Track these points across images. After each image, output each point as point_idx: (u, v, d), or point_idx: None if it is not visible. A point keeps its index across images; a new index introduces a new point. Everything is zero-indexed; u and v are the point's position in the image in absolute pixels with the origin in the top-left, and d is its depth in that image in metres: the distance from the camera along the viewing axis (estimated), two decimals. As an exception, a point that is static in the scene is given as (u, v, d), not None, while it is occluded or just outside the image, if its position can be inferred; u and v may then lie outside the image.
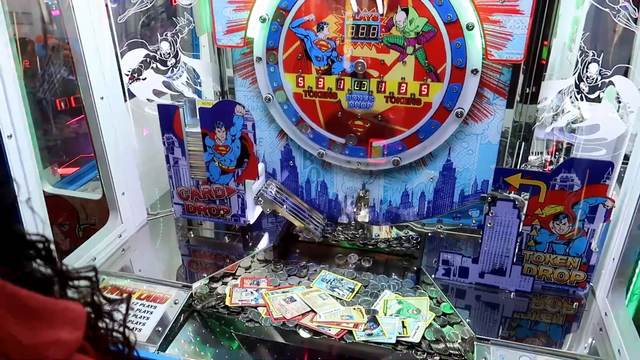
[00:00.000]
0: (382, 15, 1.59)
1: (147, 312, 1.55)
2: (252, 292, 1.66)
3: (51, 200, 2.00)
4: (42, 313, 0.54)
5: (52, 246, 0.63)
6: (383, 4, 1.57)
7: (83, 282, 0.66)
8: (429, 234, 1.84)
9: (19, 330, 0.50)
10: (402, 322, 1.51)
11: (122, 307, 0.72)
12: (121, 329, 0.71)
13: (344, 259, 1.83)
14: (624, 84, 1.44)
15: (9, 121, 1.30)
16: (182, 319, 1.57)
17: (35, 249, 0.61)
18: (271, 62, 1.75)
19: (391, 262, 1.85)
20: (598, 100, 1.54)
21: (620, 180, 1.53)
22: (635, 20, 1.36)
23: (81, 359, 0.58)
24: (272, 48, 1.72)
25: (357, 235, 1.91)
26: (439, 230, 1.75)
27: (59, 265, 0.63)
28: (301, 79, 1.76)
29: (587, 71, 1.50)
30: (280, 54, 1.73)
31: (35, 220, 1.18)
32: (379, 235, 1.83)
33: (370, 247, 1.84)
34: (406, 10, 1.57)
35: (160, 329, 1.50)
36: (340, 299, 1.62)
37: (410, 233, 1.78)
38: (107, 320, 0.69)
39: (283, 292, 1.65)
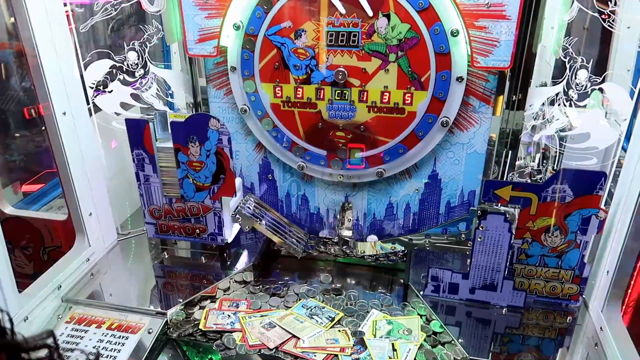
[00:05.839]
0: (364, 20, 1.51)
1: (119, 343, 1.44)
2: (229, 315, 1.56)
3: (12, 222, 1.87)
4: None
5: (3, 315, 0.54)
6: (370, 7, 1.48)
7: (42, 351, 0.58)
8: (416, 248, 1.77)
9: None
10: (393, 344, 1.43)
11: None
12: None
13: (323, 275, 1.75)
14: (614, 91, 1.40)
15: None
16: (157, 349, 1.46)
17: None
18: (250, 92, 1.68)
19: (377, 277, 1.77)
20: (586, 107, 1.49)
21: (611, 190, 1.48)
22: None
23: None
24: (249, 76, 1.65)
25: (342, 251, 1.83)
26: (426, 245, 1.68)
27: (11, 339, 0.55)
28: (279, 89, 1.67)
29: (575, 78, 1.45)
30: (256, 62, 1.64)
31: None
32: (364, 251, 1.75)
33: (355, 260, 1.76)
34: (388, 17, 1.50)
35: (133, 362, 1.39)
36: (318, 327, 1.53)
37: (398, 247, 1.70)
38: None
39: (261, 315, 1.56)
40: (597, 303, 1.48)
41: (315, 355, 1.41)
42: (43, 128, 2.46)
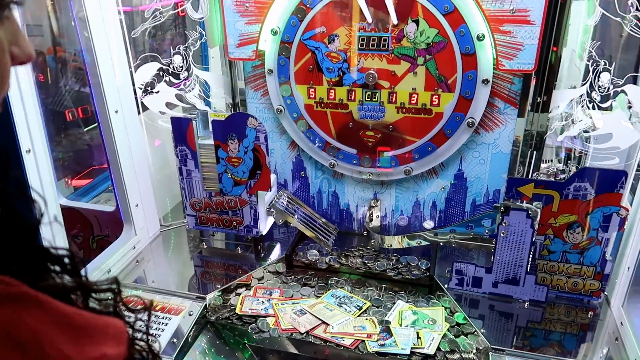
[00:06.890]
0: (394, 26, 1.60)
1: (163, 323, 1.56)
2: (263, 302, 1.66)
3: (65, 212, 2.02)
4: (87, 329, 0.55)
5: (77, 259, 0.64)
6: (396, 15, 1.58)
7: (105, 294, 0.67)
8: (441, 244, 1.84)
9: (68, 348, 0.51)
10: (417, 333, 1.51)
11: (144, 316, 0.73)
12: (144, 337, 0.72)
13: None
14: (636, 93, 1.44)
15: (27, 136, 1.32)
16: (196, 330, 1.58)
17: (61, 263, 0.62)
18: (286, 95, 1.80)
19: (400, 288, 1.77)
20: (610, 108, 1.54)
21: (633, 189, 1.52)
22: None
23: None
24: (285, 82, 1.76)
25: (365, 261, 1.85)
26: (451, 240, 1.75)
27: (84, 279, 0.64)
28: (312, 90, 1.77)
29: (598, 80, 1.50)
30: (291, 66, 1.75)
31: (53, 235, 1.19)
32: (391, 245, 1.83)
33: (377, 274, 1.79)
34: (417, 22, 1.58)
35: (175, 340, 1.50)
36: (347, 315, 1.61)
37: (423, 243, 1.78)
38: (130, 331, 0.70)
39: (293, 303, 1.66)
40: (618, 299, 1.52)
41: (343, 340, 1.50)
42: (86, 129, 2.65)
